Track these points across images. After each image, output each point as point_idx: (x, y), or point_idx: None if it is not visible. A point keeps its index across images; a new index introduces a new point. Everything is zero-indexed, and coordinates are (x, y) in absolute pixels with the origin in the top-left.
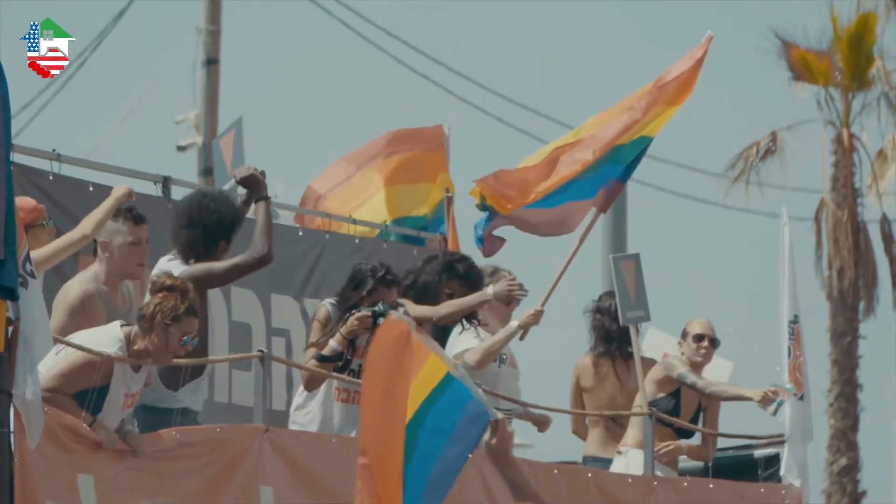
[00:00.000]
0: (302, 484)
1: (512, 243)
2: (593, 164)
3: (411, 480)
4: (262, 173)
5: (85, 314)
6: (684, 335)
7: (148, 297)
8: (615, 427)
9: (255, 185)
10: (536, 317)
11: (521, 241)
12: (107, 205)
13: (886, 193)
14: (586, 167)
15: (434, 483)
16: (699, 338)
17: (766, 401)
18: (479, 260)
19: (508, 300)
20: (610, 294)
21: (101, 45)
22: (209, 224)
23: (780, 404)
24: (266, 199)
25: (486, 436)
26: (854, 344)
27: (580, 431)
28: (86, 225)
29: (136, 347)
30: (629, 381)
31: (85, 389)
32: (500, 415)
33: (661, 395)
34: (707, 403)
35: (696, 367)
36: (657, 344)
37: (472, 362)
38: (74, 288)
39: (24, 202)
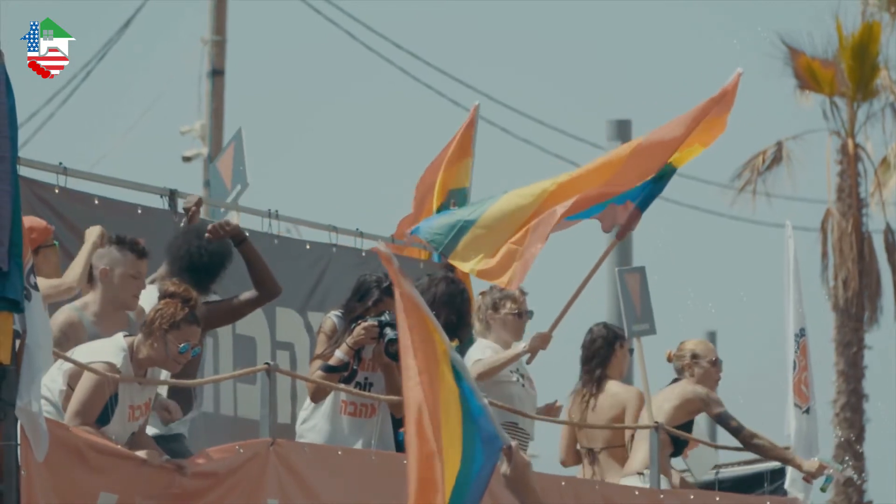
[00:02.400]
0: (308, 497)
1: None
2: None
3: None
4: (229, 226)
5: (67, 343)
6: (694, 357)
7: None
8: (595, 460)
9: (235, 235)
10: (544, 341)
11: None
12: (85, 252)
13: (889, 203)
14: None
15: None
16: (716, 362)
17: (817, 473)
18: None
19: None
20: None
21: (106, 56)
22: (214, 264)
23: (828, 480)
24: (246, 239)
25: (503, 467)
26: (860, 354)
27: (569, 462)
28: (71, 277)
29: (139, 356)
30: (596, 414)
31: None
32: (512, 442)
33: (677, 420)
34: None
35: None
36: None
37: (474, 375)
38: (59, 316)
39: (34, 222)
